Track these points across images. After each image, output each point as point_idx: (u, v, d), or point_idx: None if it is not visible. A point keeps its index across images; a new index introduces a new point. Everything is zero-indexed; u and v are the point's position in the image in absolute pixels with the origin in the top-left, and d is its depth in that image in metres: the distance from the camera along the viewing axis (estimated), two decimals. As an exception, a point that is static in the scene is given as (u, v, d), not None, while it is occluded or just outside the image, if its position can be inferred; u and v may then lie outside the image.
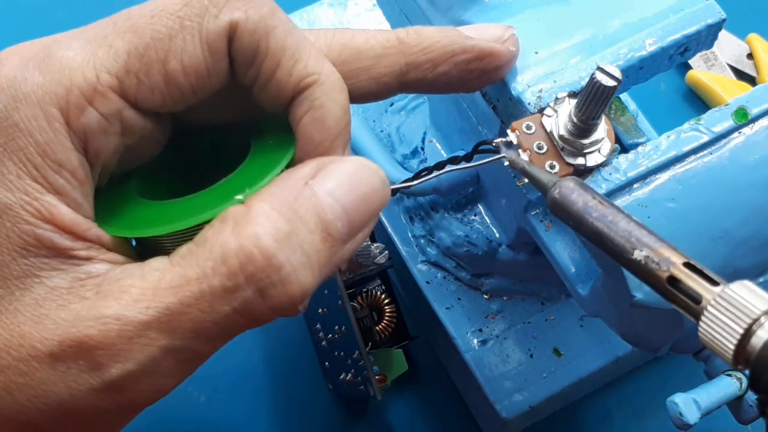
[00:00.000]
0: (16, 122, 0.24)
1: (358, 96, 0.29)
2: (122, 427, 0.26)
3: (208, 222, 0.24)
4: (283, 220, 0.23)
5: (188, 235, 0.25)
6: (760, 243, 0.31)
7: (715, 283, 0.23)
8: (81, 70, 0.24)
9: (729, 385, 0.33)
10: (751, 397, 0.33)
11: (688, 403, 0.31)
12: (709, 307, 0.23)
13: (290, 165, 0.26)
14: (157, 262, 0.24)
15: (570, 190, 0.27)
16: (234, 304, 0.23)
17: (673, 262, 0.24)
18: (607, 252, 0.26)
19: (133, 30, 0.25)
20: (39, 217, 0.24)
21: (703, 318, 0.23)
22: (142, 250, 0.26)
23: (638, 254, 0.25)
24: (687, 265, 0.24)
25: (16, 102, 0.24)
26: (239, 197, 0.25)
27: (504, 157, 0.31)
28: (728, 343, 0.22)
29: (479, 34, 0.31)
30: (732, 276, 0.31)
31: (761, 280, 0.32)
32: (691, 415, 0.31)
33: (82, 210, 0.25)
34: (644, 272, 0.25)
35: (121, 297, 0.23)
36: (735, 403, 0.33)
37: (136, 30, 0.25)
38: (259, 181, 0.25)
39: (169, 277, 0.24)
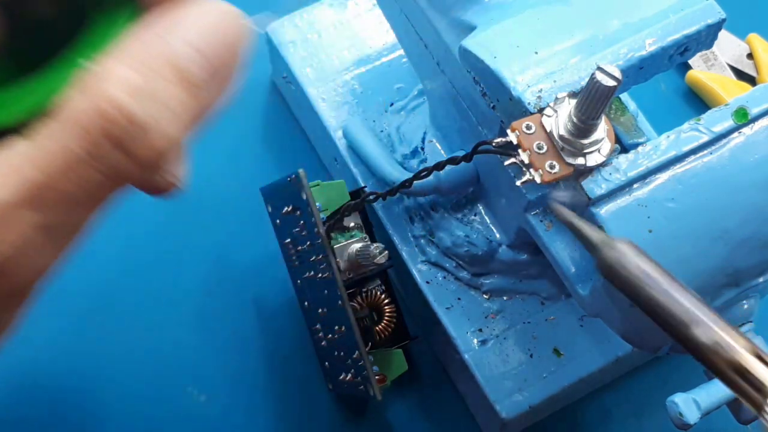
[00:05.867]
0: None
1: None
2: (13, 314, 0.25)
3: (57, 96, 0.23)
4: (135, 74, 0.23)
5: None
6: (760, 243, 0.31)
7: None
8: None
9: (729, 385, 0.33)
10: (751, 397, 0.33)
11: (688, 403, 0.31)
12: None
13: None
14: (12, 142, 0.23)
15: (626, 256, 0.26)
16: (101, 169, 0.23)
17: (738, 347, 0.23)
18: (661, 324, 0.25)
19: None
20: None
21: None
22: None
23: (701, 333, 0.24)
24: (753, 352, 0.23)
25: None
26: (83, 62, 0.23)
27: (553, 207, 0.30)
28: None
29: None
30: (732, 276, 0.32)
31: (761, 280, 0.32)
32: (691, 415, 0.31)
33: None
34: (703, 352, 0.24)
35: None
36: (735, 403, 0.33)
37: None
38: (103, 43, 0.24)
39: (31, 153, 0.23)
